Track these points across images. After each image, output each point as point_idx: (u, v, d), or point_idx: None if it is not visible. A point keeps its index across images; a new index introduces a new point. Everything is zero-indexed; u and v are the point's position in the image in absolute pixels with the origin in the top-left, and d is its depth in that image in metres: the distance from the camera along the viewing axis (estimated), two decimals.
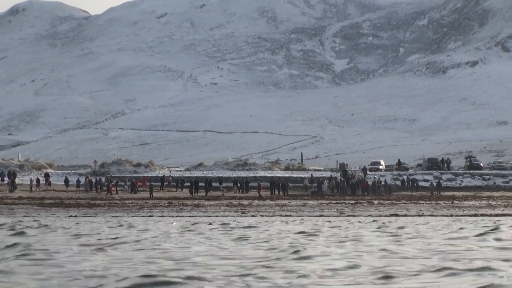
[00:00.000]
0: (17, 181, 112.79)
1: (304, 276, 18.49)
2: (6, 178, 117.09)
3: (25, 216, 55.30)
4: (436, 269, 19.27)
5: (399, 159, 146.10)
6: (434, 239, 29.70)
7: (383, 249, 24.66)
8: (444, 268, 19.45)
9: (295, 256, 23.07)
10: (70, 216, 55.57)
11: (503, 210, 65.22)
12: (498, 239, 29.28)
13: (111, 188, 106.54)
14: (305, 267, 19.74)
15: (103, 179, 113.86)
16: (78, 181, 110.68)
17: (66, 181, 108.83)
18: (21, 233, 33.72)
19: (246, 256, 22.59)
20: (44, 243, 27.75)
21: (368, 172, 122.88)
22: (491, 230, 35.26)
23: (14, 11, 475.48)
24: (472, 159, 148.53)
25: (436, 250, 25.16)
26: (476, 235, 31.24)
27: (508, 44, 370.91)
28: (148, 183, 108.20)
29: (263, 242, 28.33)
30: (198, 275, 18.43)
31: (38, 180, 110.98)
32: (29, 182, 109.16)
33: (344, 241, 28.78)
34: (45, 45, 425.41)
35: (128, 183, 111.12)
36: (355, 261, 21.03)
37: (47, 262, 20.94)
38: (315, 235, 33.12)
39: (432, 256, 22.82)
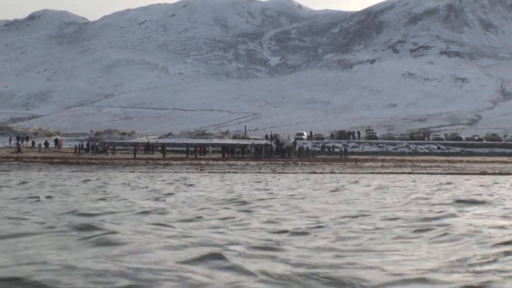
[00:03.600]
0: (32, 143, 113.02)
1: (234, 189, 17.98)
2: (25, 141, 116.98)
3: (39, 171, 54.85)
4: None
5: (310, 131, 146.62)
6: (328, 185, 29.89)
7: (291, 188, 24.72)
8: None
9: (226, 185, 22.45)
10: (72, 171, 55.25)
11: (392, 169, 65.72)
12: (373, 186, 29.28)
13: (106, 149, 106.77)
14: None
15: (97, 144, 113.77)
16: (81, 145, 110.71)
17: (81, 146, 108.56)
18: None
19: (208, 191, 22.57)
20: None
21: (295, 140, 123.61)
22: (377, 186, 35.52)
23: (31, 17, 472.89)
24: (370, 131, 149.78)
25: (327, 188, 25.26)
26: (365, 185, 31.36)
27: (397, 47, 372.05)
28: (132, 147, 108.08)
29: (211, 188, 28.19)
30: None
31: (46, 143, 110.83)
32: (42, 145, 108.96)
33: (270, 186, 28.78)
34: (54, 43, 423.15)
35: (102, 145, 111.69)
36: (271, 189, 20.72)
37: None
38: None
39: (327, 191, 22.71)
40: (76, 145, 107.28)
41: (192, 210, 16.28)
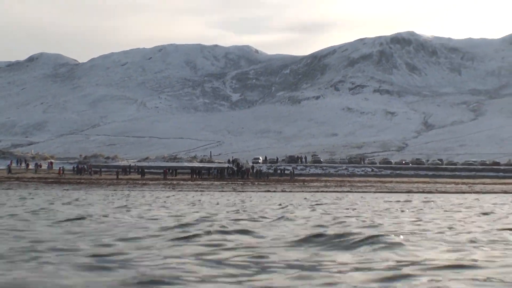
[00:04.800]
0: (30, 166, 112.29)
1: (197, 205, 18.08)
2: (23, 164, 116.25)
3: (35, 189, 54.75)
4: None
5: (265, 156, 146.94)
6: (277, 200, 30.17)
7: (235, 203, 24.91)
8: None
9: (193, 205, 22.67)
10: (64, 189, 55.18)
11: (334, 189, 66.12)
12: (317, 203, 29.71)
13: (90, 171, 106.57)
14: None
15: (85, 166, 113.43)
16: (76, 167, 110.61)
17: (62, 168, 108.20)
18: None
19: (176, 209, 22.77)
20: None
21: (252, 164, 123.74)
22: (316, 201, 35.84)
23: (30, 59, 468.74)
24: (315, 156, 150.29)
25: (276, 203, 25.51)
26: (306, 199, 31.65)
27: (338, 86, 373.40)
28: (115, 170, 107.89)
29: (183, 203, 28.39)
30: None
31: (37, 165, 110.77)
32: (35, 167, 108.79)
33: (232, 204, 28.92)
34: (50, 81, 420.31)
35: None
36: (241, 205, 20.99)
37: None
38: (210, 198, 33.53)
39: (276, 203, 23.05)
40: (59, 167, 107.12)
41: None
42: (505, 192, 64.21)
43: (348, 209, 27.28)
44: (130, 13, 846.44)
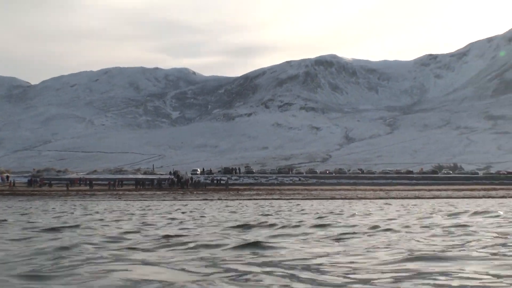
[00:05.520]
0: None
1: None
2: None
3: None
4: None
5: (203, 168, 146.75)
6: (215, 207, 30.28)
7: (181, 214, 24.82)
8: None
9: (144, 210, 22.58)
10: (19, 200, 54.45)
11: (265, 196, 66.24)
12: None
13: (41, 184, 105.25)
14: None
15: (37, 179, 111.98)
16: (29, 180, 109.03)
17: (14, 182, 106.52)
18: None
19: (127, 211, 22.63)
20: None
21: (191, 175, 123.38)
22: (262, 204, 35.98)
23: None
24: (248, 167, 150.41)
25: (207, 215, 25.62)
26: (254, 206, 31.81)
27: (268, 104, 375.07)
28: (68, 182, 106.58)
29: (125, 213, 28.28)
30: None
31: None
32: None
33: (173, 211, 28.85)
34: (4, 101, 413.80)
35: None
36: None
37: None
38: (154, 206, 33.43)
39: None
40: (10, 181, 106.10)
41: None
42: (417, 197, 65.11)
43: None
44: (78, 39, 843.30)
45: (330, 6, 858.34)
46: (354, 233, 13.77)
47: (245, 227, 15.97)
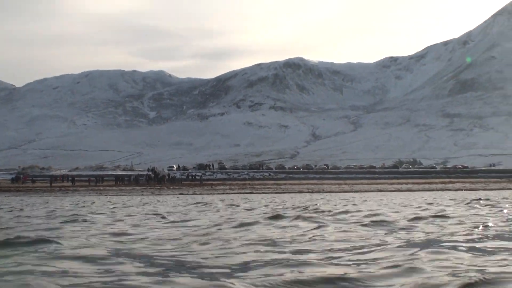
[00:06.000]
0: None
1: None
2: None
3: None
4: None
5: (178, 164, 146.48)
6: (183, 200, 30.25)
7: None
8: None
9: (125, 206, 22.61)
10: (5, 196, 54.08)
11: (237, 191, 66.29)
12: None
13: (25, 180, 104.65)
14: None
15: (21, 176, 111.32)
16: (15, 177, 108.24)
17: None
18: None
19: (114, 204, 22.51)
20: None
21: (168, 171, 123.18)
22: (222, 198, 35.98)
23: None
24: (221, 164, 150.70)
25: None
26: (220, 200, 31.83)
27: (240, 104, 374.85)
28: (49, 178, 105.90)
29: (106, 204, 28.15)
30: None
31: None
32: None
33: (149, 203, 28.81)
34: None
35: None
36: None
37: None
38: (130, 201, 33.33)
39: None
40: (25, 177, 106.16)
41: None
42: (380, 190, 65.52)
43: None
44: (60, 44, 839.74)
45: (297, 12, 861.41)
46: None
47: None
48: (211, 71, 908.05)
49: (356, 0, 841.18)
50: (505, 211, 18.43)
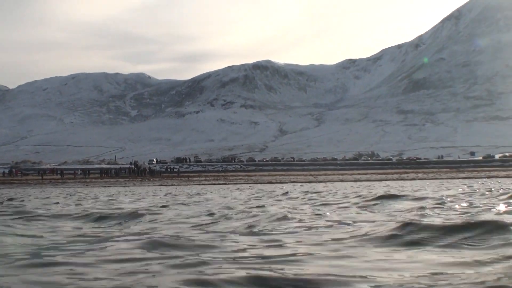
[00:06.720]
0: None
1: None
2: None
3: None
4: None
5: (158, 158, 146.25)
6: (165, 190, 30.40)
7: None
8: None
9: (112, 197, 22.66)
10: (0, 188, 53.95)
11: (212, 182, 66.66)
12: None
13: (16, 174, 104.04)
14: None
15: (13, 170, 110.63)
16: (5, 171, 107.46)
17: None
18: None
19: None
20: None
21: (148, 165, 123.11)
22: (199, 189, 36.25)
23: None
24: (197, 157, 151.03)
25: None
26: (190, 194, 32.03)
27: (213, 103, 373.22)
28: (41, 171, 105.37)
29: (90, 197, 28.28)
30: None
31: None
32: None
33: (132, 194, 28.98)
34: None
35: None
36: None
37: None
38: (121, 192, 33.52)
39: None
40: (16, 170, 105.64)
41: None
42: (342, 180, 66.19)
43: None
44: (48, 49, 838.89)
45: (264, 18, 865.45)
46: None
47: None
48: (187, 73, 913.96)
49: (317, 7, 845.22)
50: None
